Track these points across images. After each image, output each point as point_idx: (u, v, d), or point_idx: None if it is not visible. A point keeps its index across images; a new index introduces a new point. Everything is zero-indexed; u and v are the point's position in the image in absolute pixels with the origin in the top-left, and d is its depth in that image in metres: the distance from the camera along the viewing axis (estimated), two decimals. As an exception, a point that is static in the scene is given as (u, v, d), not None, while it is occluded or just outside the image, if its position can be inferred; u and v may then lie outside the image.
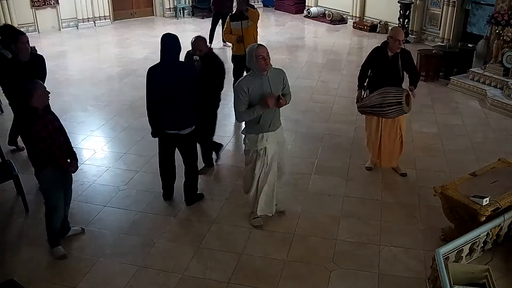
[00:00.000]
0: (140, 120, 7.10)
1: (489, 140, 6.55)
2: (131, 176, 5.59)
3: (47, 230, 4.27)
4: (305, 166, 5.80)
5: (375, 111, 5.19)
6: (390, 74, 5.17)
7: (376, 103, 5.11)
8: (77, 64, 9.86)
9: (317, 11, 14.13)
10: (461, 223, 4.21)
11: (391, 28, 6.96)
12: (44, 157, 3.95)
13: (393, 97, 5.00)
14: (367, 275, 4.06)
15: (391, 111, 5.06)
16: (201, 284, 3.99)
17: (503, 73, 7.87)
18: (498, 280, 3.68)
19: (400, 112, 5.08)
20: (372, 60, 5.31)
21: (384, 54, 5.17)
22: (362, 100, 5.34)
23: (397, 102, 4.99)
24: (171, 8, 14.37)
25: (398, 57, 5.13)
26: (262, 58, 4.09)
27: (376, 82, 5.26)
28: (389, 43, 5.10)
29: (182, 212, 4.93)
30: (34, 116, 3.87)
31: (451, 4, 10.24)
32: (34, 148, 3.95)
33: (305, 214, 4.88)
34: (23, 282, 3.72)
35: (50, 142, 3.93)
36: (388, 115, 5.13)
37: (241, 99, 4.18)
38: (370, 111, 5.28)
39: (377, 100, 5.09)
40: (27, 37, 5.12)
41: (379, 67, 5.24)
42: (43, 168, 4.03)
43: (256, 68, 4.18)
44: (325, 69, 9.57)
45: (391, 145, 5.41)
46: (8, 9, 11.43)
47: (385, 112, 5.09)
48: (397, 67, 5.14)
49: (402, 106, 4.97)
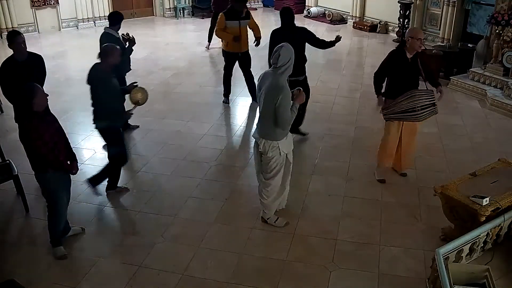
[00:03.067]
0: (140, 120, 7.11)
1: (489, 140, 6.55)
2: (131, 176, 5.59)
3: (50, 231, 4.27)
4: (305, 166, 5.80)
5: (407, 116, 5.03)
6: (410, 77, 5.05)
7: (408, 108, 4.93)
8: (77, 64, 9.84)
9: (317, 11, 14.14)
10: (461, 223, 4.21)
11: (408, 29, 6.93)
12: (46, 160, 3.95)
13: (426, 99, 4.91)
14: (367, 275, 4.07)
15: (425, 113, 4.96)
16: (201, 284, 3.99)
17: (503, 73, 7.87)
18: (498, 280, 3.68)
19: (433, 113, 5.03)
20: (391, 64, 5.10)
21: (403, 57, 5.01)
22: (389, 107, 5.10)
23: (431, 103, 4.93)
24: (171, 8, 14.37)
25: (417, 59, 5.02)
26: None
27: (397, 86, 5.08)
28: (409, 44, 4.93)
29: (182, 212, 4.93)
30: (35, 120, 3.86)
31: (451, 4, 10.24)
32: (36, 152, 3.92)
33: (305, 214, 4.88)
34: (23, 282, 3.72)
35: (52, 146, 3.92)
36: (421, 118, 5.01)
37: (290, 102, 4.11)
38: (400, 117, 5.09)
39: (409, 104, 4.92)
40: (23, 37, 5.12)
41: (398, 71, 5.06)
42: (45, 171, 4.02)
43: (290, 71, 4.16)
44: (325, 69, 9.57)
45: (410, 146, 5.40)
46: (8, 9, 11.45)
47: (419, 115, 4.96)
48: (418, 69, 5.02)
49: (435, 107, 4.96)
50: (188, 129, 6.85)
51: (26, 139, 3.91)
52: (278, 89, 4.02)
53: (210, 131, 6.70)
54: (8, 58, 5.15)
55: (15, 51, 5.07)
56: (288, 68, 4.10)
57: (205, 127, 6.84)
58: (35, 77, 5.23)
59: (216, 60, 10.38)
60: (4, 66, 5.11)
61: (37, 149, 3.88)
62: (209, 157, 6.00)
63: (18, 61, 5.08)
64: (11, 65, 5.07)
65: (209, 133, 6.65)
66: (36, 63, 5.26)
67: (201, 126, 6.90)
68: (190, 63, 10.09)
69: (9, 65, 5.08)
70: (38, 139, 3.84)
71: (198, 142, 6.43)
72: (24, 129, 3.89)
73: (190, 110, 7.52)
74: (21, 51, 5.07)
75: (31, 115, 3.87)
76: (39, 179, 4.11)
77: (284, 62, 4.05)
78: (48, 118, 4.04)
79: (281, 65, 4.05)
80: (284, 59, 4.04)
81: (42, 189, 4.18)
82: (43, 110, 3.95)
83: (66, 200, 4.30)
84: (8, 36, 5.07)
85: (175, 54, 10.57)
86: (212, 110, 7.67)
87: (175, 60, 10.17)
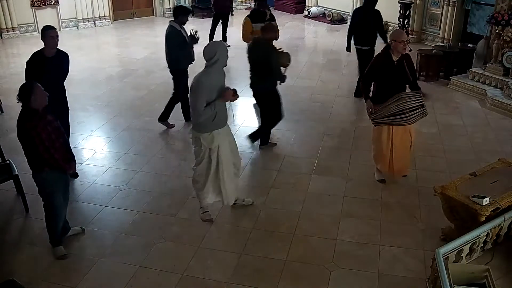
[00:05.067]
0: (140, 120, 7.12)
1: (489, 140, 6.55)
2: (131, 176, 5.59)
3: (49, 231, 4.27)
4: (305, 166, 5.80)
5: (396, 119, 4.98)
6: (397, 79, 5.01)
7: (397, 111, 4.90)
8: (77, 64, 9.80)
9: (317, 11, 14.14)
10: (461, 223, 4.22)
11: (391, 32, 6.97)
12: (43, 159, 3.95)
13: (414, 101, 4.89)
14: (367, 275, 4.06)
15: (414, 116, 4.93)
16: (201, 284, 3.99)
17: (503, 73, 7.87)
18: (498, 280, 3.69)
19: (422, 115, 5.00)
20: (377, 68, 5.06)
21: (389, 59, 4.98)
22: (378, 111, 5.03)
23: (419, 105, 4.91)
24: (171, 8, 14.34)
25: (403, 61, 4.99)
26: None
27: (384, 90, 5.03)
28: (393, 47, 4.92)
29: (182, 212, 4.93)
30: (34, 118, 3.86)
31: (451, 4, 10.24)
32: (33, 150, 3.93)
33: (305, 214, 4.88)
34: (23, 282, 3.72)
35: (49, 145, 3.91)
36: (410, 120, 4.97)
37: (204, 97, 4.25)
38: (389, 120, 5.03)
39: (398, 107, 4.89)
40: (56, 31, 5.16)
41: (385, 74, 5.02)
42: (41, 170, 4.02)
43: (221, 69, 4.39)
44: (325, 69, 9.57)
45: (402, 152, 5.23)
46: (8, 9, 11.46)
47: (408, 118, 4.93)
48: (404, 71, 5.00)
49: (424, 108, 4.93)
50: (188, 129, 6.83)
51: (24, 137, 3.92)
52: (194, 81, 4.34)
53: (210, 131, 6.69)
54: (37, 52, 5.18)
55: (46, 44, 5.12)
56: (215, 63, 4.30)
57: (205, 127, 6.83)
58: (60, 74, 5.28)
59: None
60: (32, 60, 5.12)
61: (34, 147, 3.89)
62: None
63: (46, 57, 5.12)
64: (39, 60, 5.09)
65: (209, 133, 6.64)
66: (63, 60, 5.31)
67: (201, 126, 6.89)
68: (190, 63, 10.07)
69: (37, 59, 5.10)
70: (36, 136, 3.84)
71: (198, 142, 6.42)
72: (23, 127, 3.89)
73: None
74: (52, 46, 5.12)
75: (30, 113, 3.87)
76: (35, 178, 4.11)
77: (208, 57, 4.30)
78: (47, 117, 4.03)
79: (206, 60, 4.33)
80: (208, 55, 4.30)
81: (39, 189, 4.17)
82: (43, 108, 3.95)
83: (63, 200, 4.29)
84: (42, 30, 5.13)
85: (175, 54, 10.55)
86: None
87: (175, 60, 10.14)
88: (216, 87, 4.32)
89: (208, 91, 4.26)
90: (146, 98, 8.05)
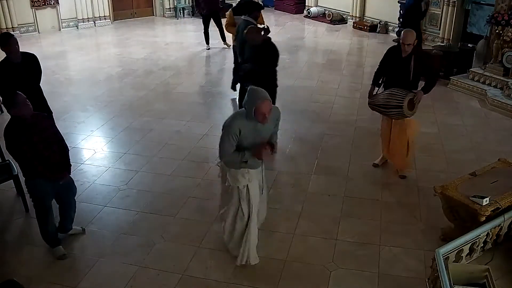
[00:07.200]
0: (140, 120, 7.12)
1: (489, 140, 6.55)
2: (131, 176, 5.59)
3: (41, 233, 4.28)
4: (305, 166, 5.80)
5: (382, 110, 5.31)
6: (400, 74, 5.12)
7: (381, 103, 5.21)
8: (77, 64, 9.85)
9: (317, 11, 14.14)
10: (461, 223, 4.21)
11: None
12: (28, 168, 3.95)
13: (396, 99, 5.03)
14: (367, 275, 4.06)
15: (393, 113, 5.17)
16: (201, 284, 3.99)
17: (503, 73, 7.87)
18: (498, 280, 3.68)
19: (402, 115, 5.12)
20: (386, 59, 5.32)
21: (398, 54, 5.13)
22: (373, 97, 5.40)
23: (398, 105, 5.02)
24: (171, 8, 14.38)
25: (411, 59, 5.04)
26: (263, 115, 3.59)
27: (388, 81, 5.30)
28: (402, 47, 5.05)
29: (182, 212, 4.93)
30: (20, 129, 3.82)
31: (451, 4, 10.24)
32: (17, 159, 3.94)
33: (305, 214, 4.88)
34: (23, 282, 3.71)
35: (31, 156, 3.86)
36: (390, 116, 5.28)
37: (231, 141, 3.72)
38: (378, 109, 5.38)
39: (383, 100, 5.20)
40: (15, 38, 5.09)
41: (391, 66, 5.23)
42: (27, 177, 4.03)
43: (252, 117, 3.64)
44: (325, 69, 9.57)
45: (397, 145, 5.42)
46: (8, 9, 11.44)
47: (388, 113, 5.25)
48: (408, 69, 5.07)
49: (402, 110, 5.02)
50: (188, 129, 6.85)
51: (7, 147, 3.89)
52: (224, 124, 3.81)
53: (210, 131, 6.69)
54: (3, 60, 5.11)
55: (10, 53, 5.03)
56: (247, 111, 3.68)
57: (205, 127, 6.84)
58: (33, 76, 5.23)
59: (216, 60, 10.39)
60: (0, 70, 5.05)
61: (16, 158, 3.91)
62: (209, 157, 6.00)
63: (13, 63, 5.05)
64: (7, 68, 5.04)
65: (209, 133, 6.64)
66: (31, 63, 5.25)
67: (201, 126, 6.90)
68: (190, 63, 10.09)
69: (5, 67, 5.05)
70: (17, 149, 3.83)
71: (198, 142, 6.43)
72: (5, 137, 3.86)
73: (190, 110, 7.52)
74: (15, 53, 5.03)
75: (17, 123, 3.84)
76: (25, 183, 4.13)
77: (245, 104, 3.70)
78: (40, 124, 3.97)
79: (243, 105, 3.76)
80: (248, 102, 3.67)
81: (28, 193, 4.17)
82: (32, 115, 3.90)
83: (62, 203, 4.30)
84: (1, 39, 5.02)
85: (175, 54, 10.57)
86: (212, 110, 7.68)
87: (175, 60, 10.16)
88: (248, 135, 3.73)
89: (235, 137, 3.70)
90: (145, 98, 8.05)
